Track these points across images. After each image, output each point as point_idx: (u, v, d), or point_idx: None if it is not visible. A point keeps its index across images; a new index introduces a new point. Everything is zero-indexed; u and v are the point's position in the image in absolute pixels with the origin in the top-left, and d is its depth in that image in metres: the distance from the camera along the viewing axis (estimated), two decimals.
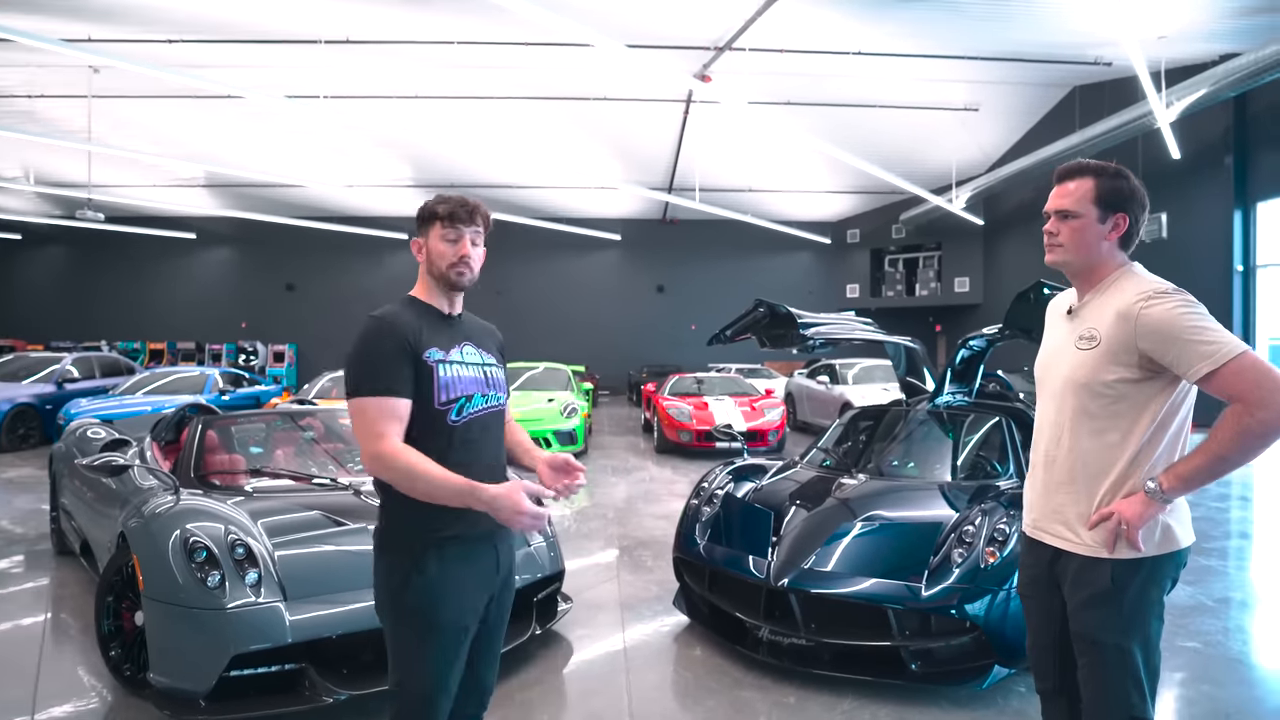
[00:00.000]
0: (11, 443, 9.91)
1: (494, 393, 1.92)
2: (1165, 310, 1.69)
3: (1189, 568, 4.83)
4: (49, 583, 4.62)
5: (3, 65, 12.66)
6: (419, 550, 1.75)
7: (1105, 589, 1.76)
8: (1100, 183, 1.82)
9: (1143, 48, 9.64)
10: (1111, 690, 1.77)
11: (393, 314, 1.80)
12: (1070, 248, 1.84)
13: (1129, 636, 1.75)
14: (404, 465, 1.66)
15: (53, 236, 22.48)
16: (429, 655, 1.74)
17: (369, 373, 1.73)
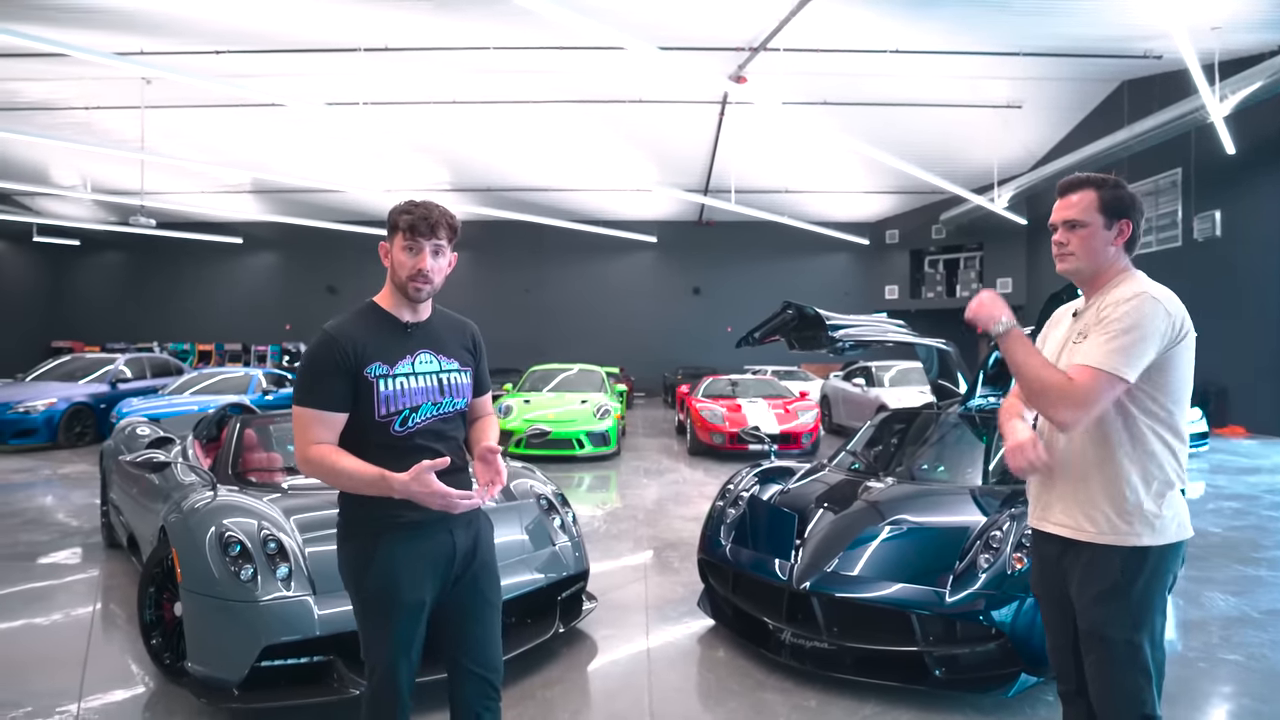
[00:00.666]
0: (69, 440, 10.33)
1: (448, 399, 1.98)
2: (1125, 308, 1.83)
3: (1237, 578, 4.70)
4: (99, 574, 4.81)
5: (61, 79, 13.23)
6: (375, 537, 1.88)
7: (1114, 583, 1.81)
8: (1103, 193, 1.93)
9: (1195, 39, 9.33)
10: (1123, 687, 1.80)
11: (339, 329, 1.90)
12: (1081, 255, 1.95)
13: (1138, 631, 1.80)
14: (327, 465, 1.82)
15: (108, 242, 23.36)
16: (391, 629, 1.89)
17: (306, 385, 1.87)
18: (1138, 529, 1.82)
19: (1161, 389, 1.84)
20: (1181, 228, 14.01)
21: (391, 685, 1.91)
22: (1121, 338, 1.79)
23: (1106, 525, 1.84)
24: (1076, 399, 1.80)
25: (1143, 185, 14.97)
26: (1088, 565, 1.86)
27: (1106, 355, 1.80)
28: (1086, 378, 1.80)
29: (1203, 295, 13.16)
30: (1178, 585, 4.66)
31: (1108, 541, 1.83)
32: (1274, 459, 10.09)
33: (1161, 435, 1.85)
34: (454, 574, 1.98)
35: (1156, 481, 1.84)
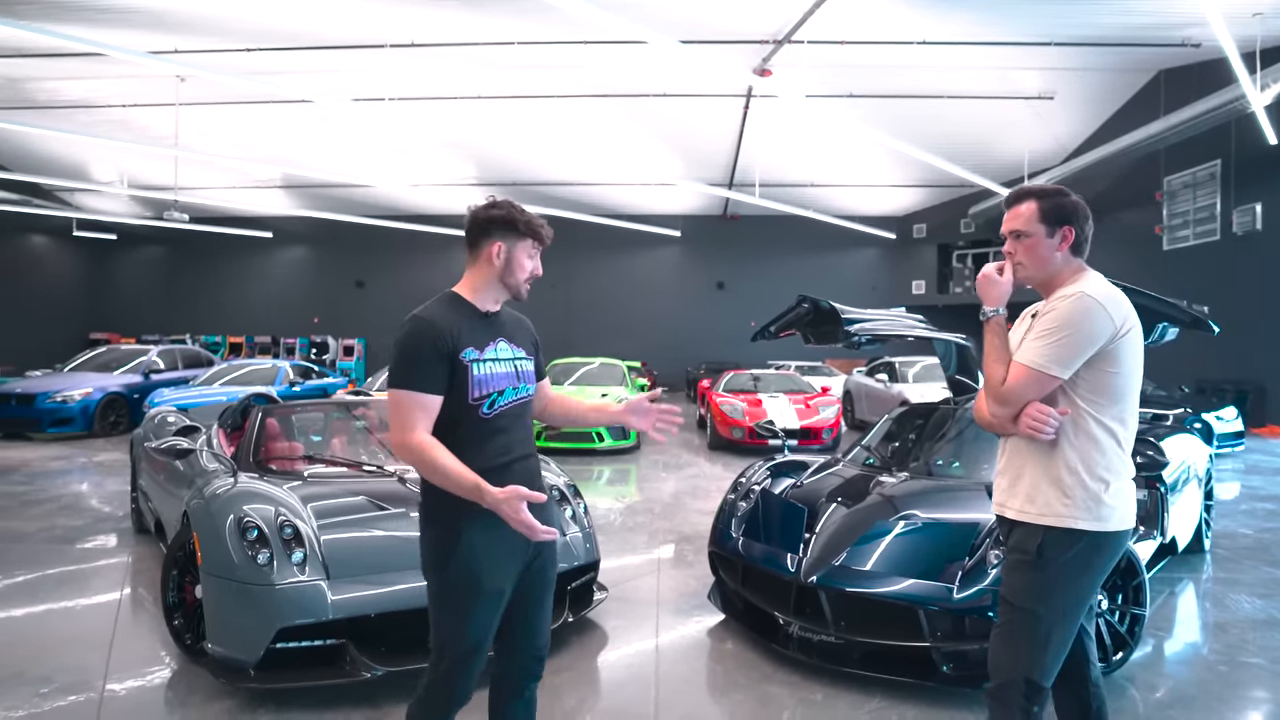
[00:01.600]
0: (103, 428, 10.62)
1: (523, 385, 2.07)
2: (1060, 307, 1.92)
3: (1264, 580, 4.59)
4: (128, 559, 4.95)
5: (99, 78, 13.57)
6: (460, 524, 1.90)
7: (1032, 556, 1.93)
8: (1043, 203, 2.02)
9: (1237, 25, 9.08)
10: (1015, 650, 1.93)
11: (433, 314, 1.97)
12: (1028, 264, 2.03)
13: (1043, 604, 1.90)
14: (428, 458, 1.85)
15: (143, 236, 23.90)
16: (472, 616, 1.92)
17: (406, 369, 1.90)
18: (1075, 513, 1.91)
19: (1103, 384, 1.92)
20: (1220, 221, 13.63)
21: (464, 673, 1.93)
22: (1051, 336, 1.90)
23: (1046, 508, 1.94)
24: (1003, 394, 1.95)
25: (1180, 177, 14.60)
26: (1017, 539, 2.00)
27: (1036, 353, 1.91)
28: (1017, 374, 1.94)
29: (1242, 291, 12.82)
30: (1206, 587, 4.57)
31: (1045, 522, 1.93)
32: None
33: (1106, 426, 1.93)
34: (529, 561, 2.03)
35: (1098, 470, 1.92)
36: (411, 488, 3.71)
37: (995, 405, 1.98)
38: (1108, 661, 3.16)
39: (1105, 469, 1.92)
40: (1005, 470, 2.07)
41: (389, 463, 4.17)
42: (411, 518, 3.38)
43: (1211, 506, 5.44)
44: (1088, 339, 1.87)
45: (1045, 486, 1.95)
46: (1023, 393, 1.92)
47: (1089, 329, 1.87)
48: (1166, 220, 14.99)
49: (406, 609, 3.02)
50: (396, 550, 3.21)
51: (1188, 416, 9.60)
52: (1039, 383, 1.90)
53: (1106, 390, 1.92)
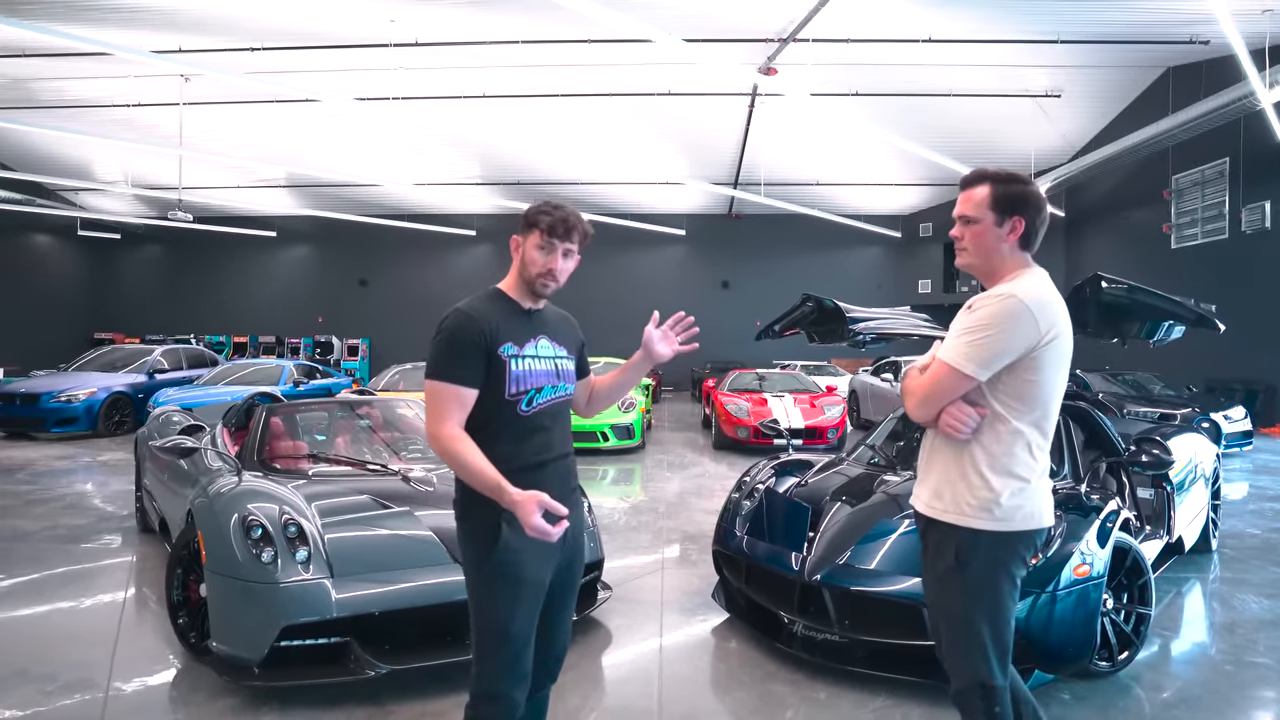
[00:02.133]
0: (108, 428, 10.65)
1: (562, 384, 2.06)
2: (987, 307, 1.86)
3: (1272, 580, 4.55)
4: (133, 558, 4.96)
5: (103, 77, 13.61)
6: (498, 516, 1.87)
7: (951, 563, 1.92)
8: (995, 189, 1.93)
9: (1247, 22, 9.03)
10: (961, 658, 1.93)
11: (474, 308, 1.96)
12: (973, 250, 1.97)
13: (974, 608, 1.90)
14: (452, 450, 1.86)
15: (147, 236, 23.98)
16: (516, 608, 1.89)
17: (444, 361, 1.91)
18: (978, 514, 1.89)
19: (1022, 390, 1.88)
20: (1229, 219, 13.56)
21: (514, 669, 1.90)
22: (973, 335, 1.85)
23: (953, 505, 1.93)
24: (922, 393, 1.94)
25: (1189, 175, 14.52)
26: (935, 543, 1.98)
27: (957, 352, 1.87)
28: (937, 372, 1.91)
29: (1251, 290, 12.75)
30: (1213, 587, 4.54)
31: (951, 520, 1.92)
32: None
33: (1020, 431, 1.89)
34: (564, 560, 2.02)
35: (1001, 472, 1.89)
36: (415, 486, 3.71)
37: (915, 405, 1.96)
38: (1113, 661, 3.14)
39: (1011, 472, 1.89)
40: (923, 464, 2.08)
41: (393, 461, 4.18)
42: (415, 516, 3.39)
43: (1219, 506, 5.41)
44: (1009, 343, 1.82)
45: (955, 483, 1.94)
46: (942, 392, 1.90)
47: (1012, 333, 1.82)
48: (1175, 218, 14.92)
49: (410, 607, 3.03)
50: (400, 549, 3.21)
51: (1196, 416, 9.55)
52: (956, 381, 1.87)
53: (1025, 396, 1.88)
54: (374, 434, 4.65)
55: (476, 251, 23.19)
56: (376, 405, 4.99)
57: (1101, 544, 3.02)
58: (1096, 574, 2.93)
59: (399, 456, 4.33)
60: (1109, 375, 11.42)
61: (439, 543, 3.21)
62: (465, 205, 21.91)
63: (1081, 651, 2.87)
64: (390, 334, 23.19)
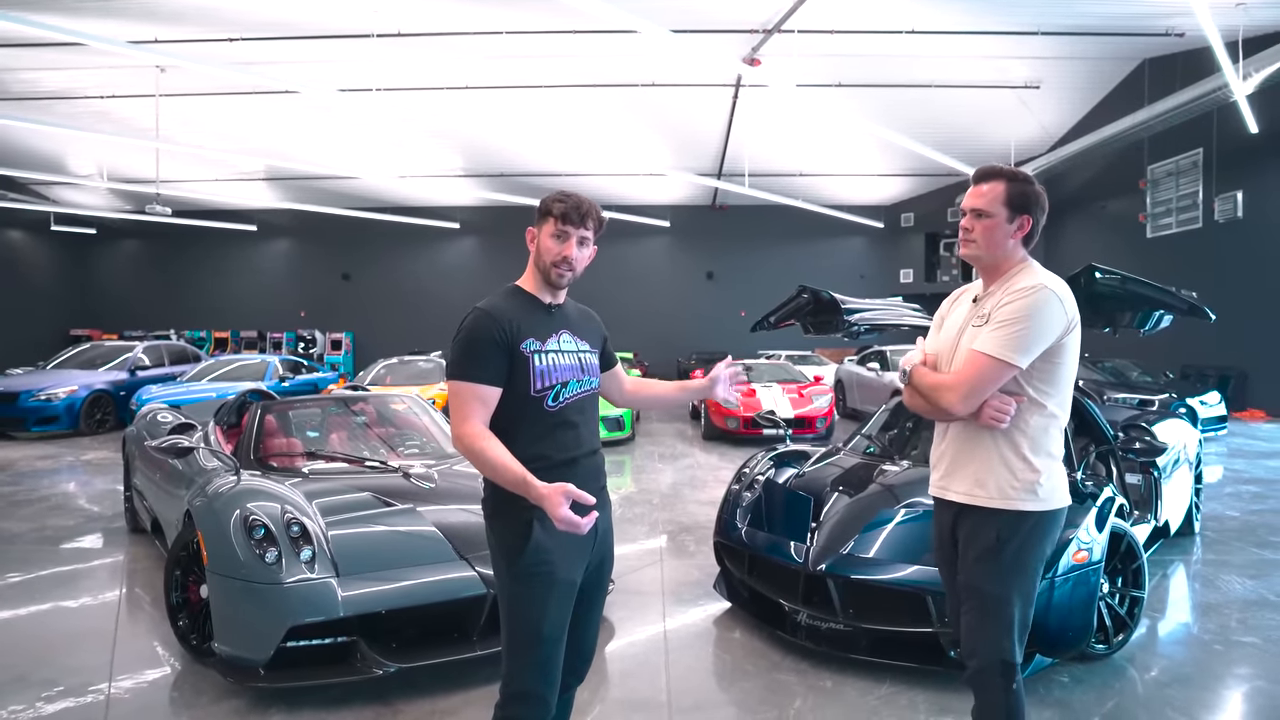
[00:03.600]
0: (89, 427, 10.48)
1: (588, 378, 2.05)
2: (1023, 299, 1.96)
3: (1254, 561, 4.68)
4: (124, 559, 4.90)
5: (77, 68, 13.30)
6: (529, 515, 1.86)
7: (993, 543, 2.00)
8: (1010, 187, 2.03)
9: (1220, 15, 9.14)
10: (988, 636, 2.00)
11: (494, 306, 1.95)
12: (982, 244, 2.06)
13: (1008, 588, 1.99)
14: (476, 448, 1.84)
15: (124, 231, 23.54)
16: (548, 608, 1.88)
17: (466, 360, 1.89)
18: (1023, 496, 1.99)
19: (1050, 374, 2.00)
20: (1202, 209, 13.79)
21: (545, 670, 1.88)
22: (1015, 326, 1.94)
23: (996, 492, 2.01)
24: (966, 386, 1.98)
25: (1163, 165, 14.74)
26: (974, 527, 2.05)
27: (1000, 343, 1.95)
28: (979, 364, 1.97)
29: (1223, 278, 12.99)
30: (1196, 569, 4.65)
31: (996, 505, 2.01)
32: None
33: (1049, 414, 2.02)
34: (594, 559, 2.01)
35: (1041, 454, 2.01)
36: (416, 483, 3.70)
37: (959, 400, 1.99)
38: (1109, 643, 3.21)
39: (1049, 453, 2.02)
40: (949, 455, 2.12)
41: (391, 458, 4.16)
42: (419, 513, 3.38)
43: (1200, 490, 5.54)
44: (1048, 331, 1.94)
45: (996, 470, 2.01)
46: (986, 383, 1.97)
47: (1048, 321, 1.93)
48: (1150, 208, 15.15)
49: (418, 605, 3.03)
50: (405, 546, 3.21)
51: (1173, 401, 9.74)
52: (1001, 372, 1.95)
53: (1053, 380, 2.00)
54: (370, 430, 4.62)
55: (461, 244, 23.03)
56: (371, 401, 4.96)
57: (1099, 530, 3.09)
58: (1095, 560, 2.99)
59: (397, 453, 4.32)
60: (1089, 363, 11.60)
61: (444, 539, 3.21)
62: (449, 198, 21.72)
63: (1081, 635, 2.94)
64: (374, 328, 23.00)
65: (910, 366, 2.16)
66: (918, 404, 2.14)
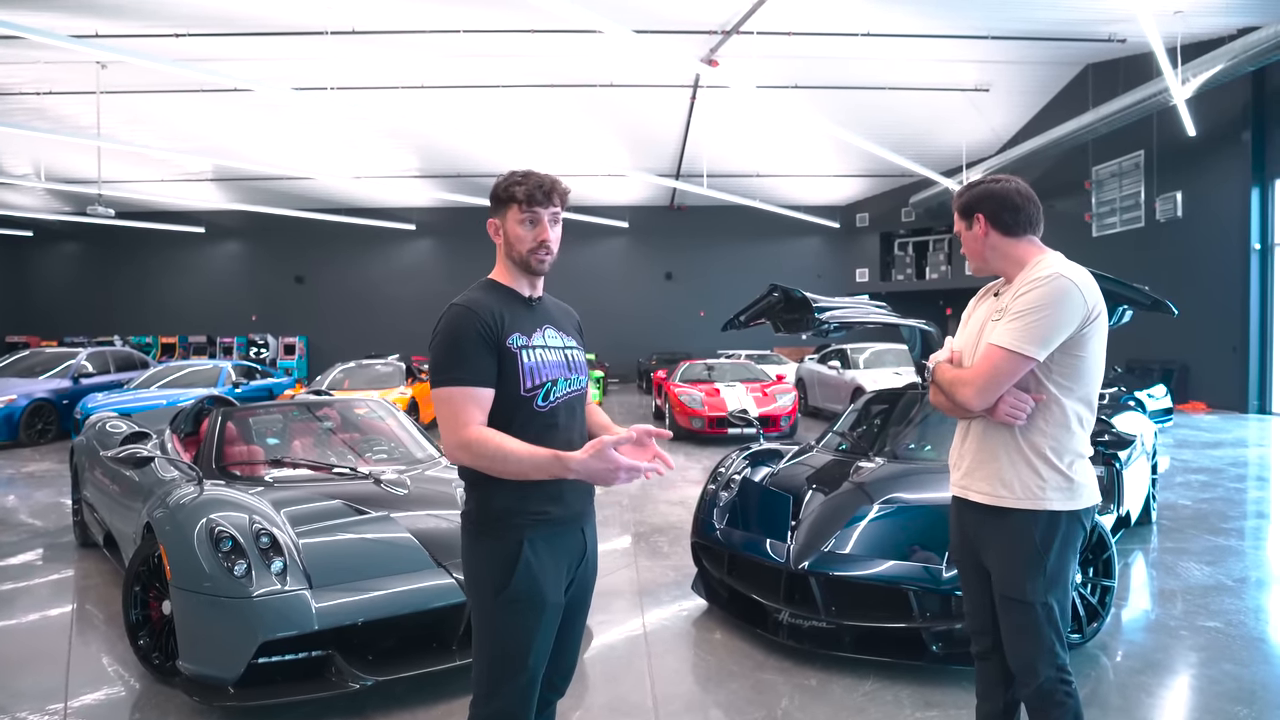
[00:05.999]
0: (30, 438, 10.01)
1: (576, 375, 1.90)
2: (1037, 289, 1.91)
3: (1209, 548, 4.84)
4: (73, 574, 4.68)
5: (12, 63, 12.71)
6: (522, 534, 1.73)
7: (1033, 549, 1.93)
8: (956, 202, 2.13)
9: (1158, 23, 9.48)
10: (1041, 645, 1.93)
11: (474, 300, 1.78)
12: (970, 257, 2.13)
13: (1051, 593, 1.93)
14: (493, 448, 1.65)
15: (64, 233, 22.63)
16: (535, 634, 1.75)
17: (451, 362, 1.72)
18: (1050, 495, 1.92)
19: (1074, 366, 1.93)
20: (1145, 209, 14.32)
21: (532, 692, 1.77)
22: (1029, 317, 1.88)
23: (1023, 491, 1.94)
24: (981, 380, 1.92)
25: (1108, 167, 15.26)
26: (1008, 532, 1.97)
27: (1014, 335, 1.89)
28: (993, 357, 1.91)
29: (1165, 274, 13.48)
30: (1155, 557, 4.80)
31: (1025, 507, 1.94)
32: (1234, 433, 10.42)
33: (1074, 409, 1.94)
34: (576, 571, 1.87)
35: (1068, 452, 1.94)
36: (388, 489, 3.60)
37: (974, 395, 1.93)
38: (1082, 632, 3.28)
39: (1074, 450, 1.95)
40: (969, 454, 2.06)
41: (361, 464, 4.05)
42: (393, 520, 3.29)
43: (1156, 480, 5.72)
44: (1065, 320, 1.87)
45: (1021, 470, 1.95)
46: (1000, 377, 1.90)
47: (1065, 311, 1.87)
48: (1095, 208, 15.68)
49: (394, 615, 2.94)
50: (381, 554, 3.12)
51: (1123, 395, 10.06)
52: (1016, 364, 1.88)
53: (1075, 373, 1.93)
54: (336, 436, 4.49)
55: (416, 246, 22.67)
56: (336, 406, 4.83)
57: None
58: None
59: (366, 459, 4.20)
60: None
61: (420, 546, 3.13)
62: (404, 199, 21.37)
63: None
64: (329, 331, 22.50)
65: (934, 364, 2.10)
66: (940, 401, 2.08)
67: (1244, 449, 9.17)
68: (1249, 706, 2.84)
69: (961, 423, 2.12)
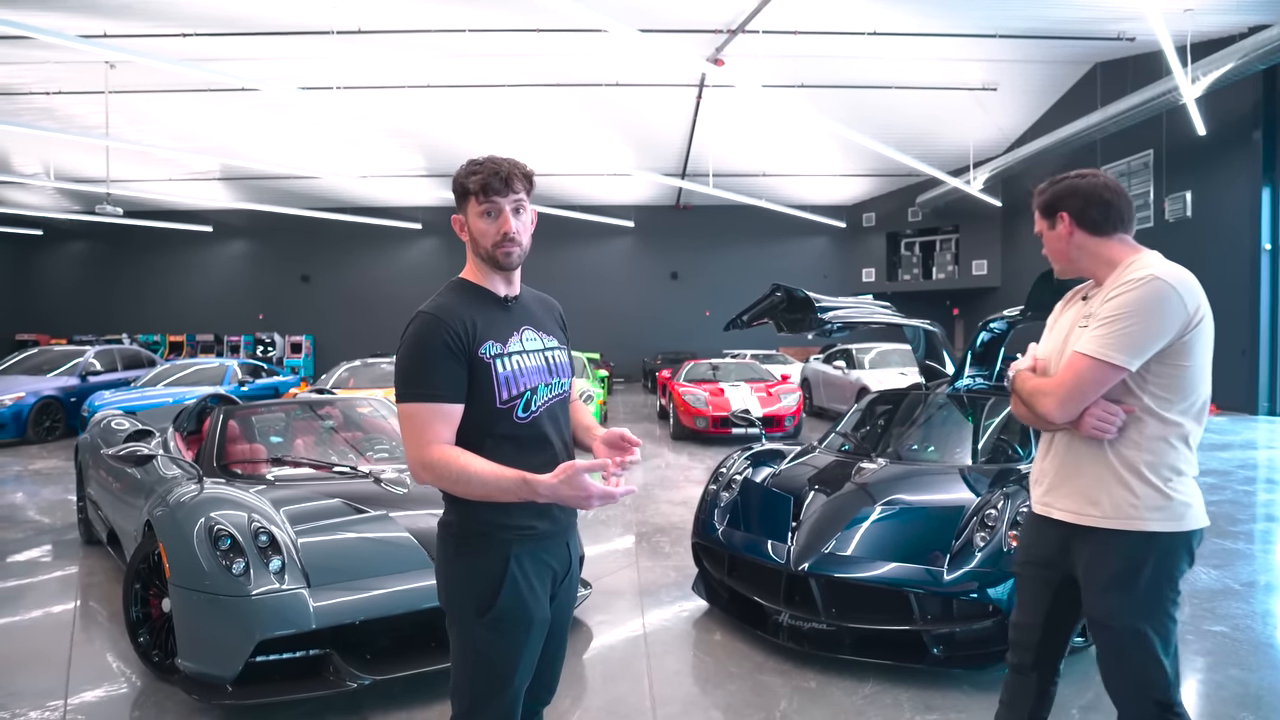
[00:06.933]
0: (38, 435, 10.07)
1: (557, 379, 1.78)
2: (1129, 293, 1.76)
3: (1216, 551, 4.80)
4: (77, 571, 4.70)
5: (21, 63, 12.80)
6: (508, 549, 1.64)
7: (1119, 570, 1.77)
8: (1037, 200, 1.98)
9: (1168, 21, 9.40)
10: (1133, 675, 1.79)
11: (443, 308, 1.65)
12: (1054, 258, 1.99)
13: (1145, 619, 1.76)
14: (457, 469, 1.56)
15: (73, 232, 22.77)
16: (521, 652, 1.67)
17: (417, 376, 1.61)
18: (1144, 514, 1.76)
19: (1174, 377, 1.76)
20: (1154, 208, 14.22)
21: (516, 706, 1.70)
22: (1119, 323, 1.73)
23: (1113, 510, 1.79)
24: (1062, 391, 1.78)
25: (1116, 166, 15.16)
26: (1094, 552, 1.82)
27: (1101, 342, 1.74)
28: (1077, 366, 1.76)
29: None
30: None
31: (1113, 526, 1.79)
32: (1244, 435, 10.33)
33: (1175, 423, 1.77)
34: (560, 588, 1.78)
35: (1166, 468, 1.76)
36: (388, 488, 3.60)
37: (1055, 407, 1.78)
38: (1086, 636, 3.25)
39: (1174, 467, 1.76)
40: (1054, 468, 1.91)
41: (361, 463, 4.05)
42: (392, 519, 3.28)
43: None
44: (1159, 328, 1.70)
45: (1111, 487, 1.79)
46: (1085, 387, 1.75)
47: (1160, 317, 1.70)
48: None
49: (392, 614, 2.94)
50: (378, 554, 3.11)
51: None
52: (1103, 374, 1.72)
53: (1178, 385, 1.75)
54: (338, 435, 4.50)
55: (422, 245, 22.72)
56: (338, 405, 4.83)
57: None
58: None
59: (366, 458, 4.20)
60: None
61: (419, 546, 3.12)
62: (410, 198, 21.42)
63: None
64: (335, 330, 22.58)
65: (1015, 372, 1.95)
66: (1021, 412, 1.93)
67: (1253, 451, 9.09)
68: (1254, 712, 2.81)
69: (1045, 435, 1.97)
